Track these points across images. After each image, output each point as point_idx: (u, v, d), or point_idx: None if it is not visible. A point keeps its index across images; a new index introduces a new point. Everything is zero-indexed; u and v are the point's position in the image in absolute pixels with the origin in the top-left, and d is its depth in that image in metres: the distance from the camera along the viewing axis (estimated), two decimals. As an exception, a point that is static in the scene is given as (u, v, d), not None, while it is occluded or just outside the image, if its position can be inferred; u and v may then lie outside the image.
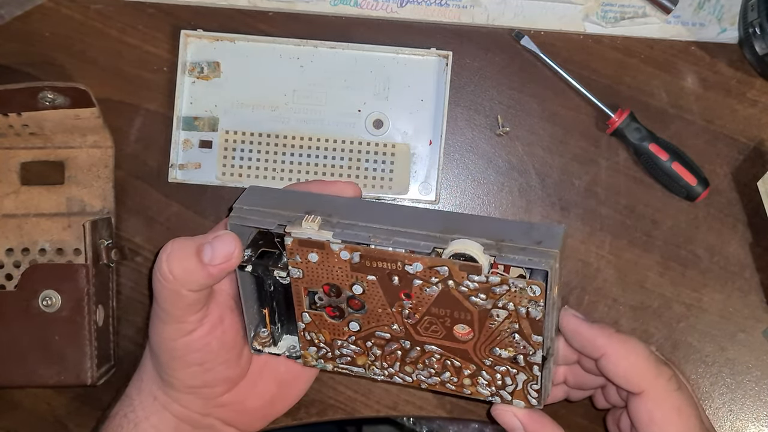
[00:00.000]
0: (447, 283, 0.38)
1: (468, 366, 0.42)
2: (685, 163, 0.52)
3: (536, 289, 0.37)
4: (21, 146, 0.53)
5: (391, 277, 0.39)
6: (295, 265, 0.41)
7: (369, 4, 0.54)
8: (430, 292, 0.39)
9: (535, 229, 0.39)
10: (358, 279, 0.40)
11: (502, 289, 0.38)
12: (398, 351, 0.43)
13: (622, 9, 0.53)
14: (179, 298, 0.41)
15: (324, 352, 0.44)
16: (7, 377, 0.50)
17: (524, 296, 0.38)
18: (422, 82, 0.54)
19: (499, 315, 0.39)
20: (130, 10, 0.54)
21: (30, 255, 0.53)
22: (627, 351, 0.43)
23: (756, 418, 0.54)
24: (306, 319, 0.43)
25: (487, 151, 0.55)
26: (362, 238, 0.39)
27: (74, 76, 0.54)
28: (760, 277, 0.54)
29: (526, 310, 0.38)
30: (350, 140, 0.54)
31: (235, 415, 0.47)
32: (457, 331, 0.41)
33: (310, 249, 0.40)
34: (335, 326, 0.43)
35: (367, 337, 0.43)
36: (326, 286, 0.41)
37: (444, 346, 0.42)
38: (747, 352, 0.54)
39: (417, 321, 0.41)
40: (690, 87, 0.54)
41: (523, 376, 0.41)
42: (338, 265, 0.40)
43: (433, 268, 0.38)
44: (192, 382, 0.44)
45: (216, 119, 0.54)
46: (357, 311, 0.42)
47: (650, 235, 0.54)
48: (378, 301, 0.41)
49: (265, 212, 0.41)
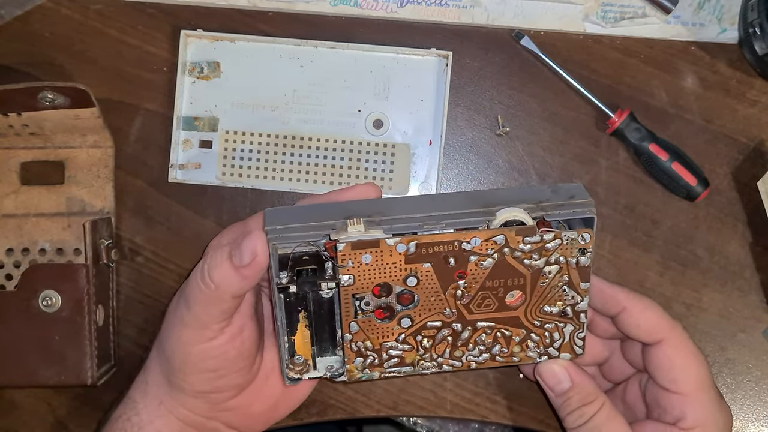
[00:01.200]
0: (503, 252, 0.41)
1: (518, 332, 0.44)
2: (685, 163, 0.52)
3: (586, 236, 0.41)
4: (21, 146, 0.53)
5: (447, 260, 0.41)
6: (347, 272, 0.41)
7: (369, 4, 0.54)
8: (486, 265, 0.42)
9: (561, 188, 0.43)
10: (412, 270, 0.41)
11: (554, 244, 0.41)
12: (449, 337, 0.44)
13: (622, 9, 0.53)
14: (218, 304, 0.41)
15: (371, 359, 0.44)
16: (7, 377, 0.50)
17: (575, 246, 0.41)
18: (422, 82, 0.54)
19: (551, 271, 0.42)
20: (130, 10, 0.54)
21: (30, 255, 0.53)
22: (645, 305, 0.46)
23: (756, 418, 0.54)
24: (354, 328, 0.43)
25: (487, 151, 0.55)
26: (414, 228, 0.41)
27: (74, 76, 0.54)
28: (760, 277, 0.54)
29: (576, 260, 0.42)
30: (350, 140, 0.54)
31: (239, 418, 0.47)
32: (509, 301, 0.43)
33: (364, 250, 0.40)
34: (384, 329, 0.43)
35: (418, 330, 0.43)
36: (376, 288, 0.42)
37: (496, 319, 0.44)
38: (747, 352, 0.54)
39: (470, 299, 0.43)
40: (690, 87, 0.54)
41: (570, 327, 0.44)
42: (393, 260, 0.41)
43: (490, 239, 0.41)
44: (203, 387, 0.44)
45: (216, 119, 0.54)
46: (407, 306, 0.43)
47: (650, 235, 0.54)
48: (431, 288, 0.42)
49: (299, 228, 0.41)
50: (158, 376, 0.46)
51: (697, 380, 0.45)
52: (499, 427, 0.65)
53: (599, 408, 0.45)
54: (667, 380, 0.45)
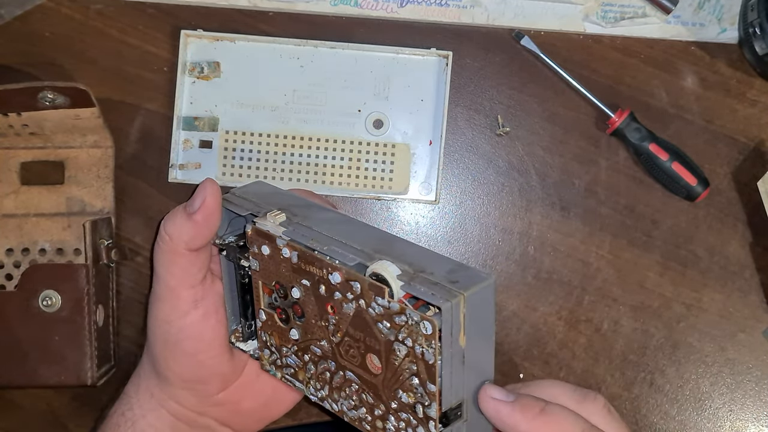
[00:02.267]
0: (359, 302, 0.37)
1: (378, 405, 0.39)
2: (685, 163, 0.52)
3: (427, 326, 0.34)
4: (21, 146, 0.53)
5: (318, 286, 0.38)
6: (254, 256, 0.41)
7: (369, 4, 0.54)
8: (347, 309, 0.37)
9: (462, 270, 0.36)
10: (297, 281, 0.40)
11: (401, 319, 0.35)
12: (327, 372, 0.41)
13: (622, 9, 0.53)
14: (176, 259, 0.42)
15: (275, 357, 0.43)
16: (7, 377, 0.50)
17: (419, 333, 0.34)
18: (422, 82, 0.54)
19: (400, 350, 0.36)
20: (130, 10, 0.54)
21: (30, 255, 0.53)
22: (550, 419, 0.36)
23: (756, 418, 0.54)
24: (262, 317, 0.43)
25: (487, 151, 0.55)
26: (304, 240, 0.39)
27: (74, 76, 0.54)
28: (760, 277, 0.54)
29: (422, 350, 0.35)
30: (350, 140, 0.54)
31: (230, 415, 0.47)
32: (371, 362, 0.38)
33: (264, 241, 0.40)
34: (283, 331, 0.42)
35: (305, 349, 0.41)
36: (277, 285, 0.41)
37: (360, 376, 0.39)
38: (747, 352, 0.54)
39: (339, 341, 0.39)
40: (690, 87, 0.54)
41: (422, 431, 0.37)
42: (283, 262, 0.40)
43: (348, 281, 0.37)
44: (186, 375, 0.44)
45: (216, 119, 0.54)
46: (299, 318, 0.41)
47: (650, 235, 0.54)
48: (312, 310, 0.40)
49: (251, 202, 0.42)
50: (148, 369, 0.46)
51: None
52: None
53: None
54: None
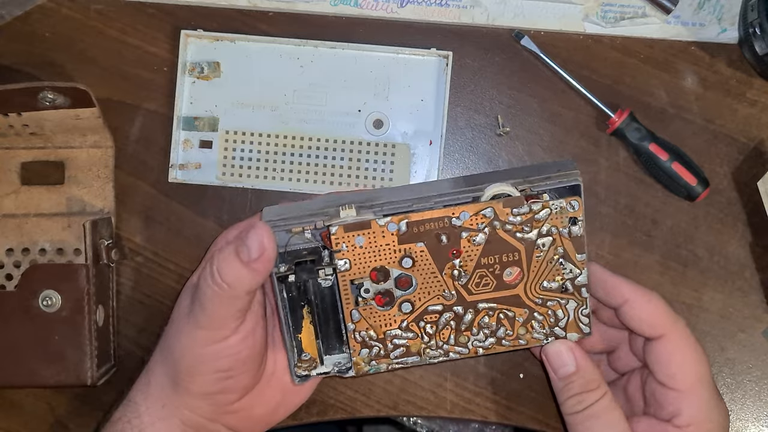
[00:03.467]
0: (493, 225, 0.42)
1: (521, 312, 0.44)
2: (685, 162, 0.52)
3: (575, 204, 0.42)
4: (21, 146, 0.53)
5: (439, 238, 0.42)
6: (342, 256, 0.42)
7: (369, 4, 0.54)
8: (478, 241, 0.42)
9: (549, 165, 0.43)
10: (406, 251, 0.42)
11: (544, 214, 0.42)
12: (452, 321, 0.44)
13: (622, 9, 0.53)
14: (233, 303, 0.42)
15: (377, 350, 0.44)
16: (7, 377, 0.50)
17: (565, 215, 0.42)
18: (422, 82, 0.54)
19: (545, 243, 0.43)
20: (130, 10, 0.54)
21: (30, 255, 0.53)
22: (648, 299, 0.45)
23: (756, 418, 0.54)
24: (355, 317, 0.43)
25: (487, 151, 0.55)
26: (404, 209, 0.42)
27: (74, 76, 0.54)
28: (760, 277, 0.54)
29: (568, 230, 0.42)
30: (350, 140, 0.54)
31: (241, 421, 0.47)
32: (507, 279, 0.43)
33: (357, 232, 0.41)
34: (386, 316, 0.44)
35: (420, 316, 0.44)
36: (374, 273, 0.42)
37: (496, 299, 0.44)
38: (747, 352, 0.54)
39: (468, 279, 0.43)
40: (690, 87, 0.54)
41: (573, 303, 0.44)
42: (386, 241, 0.41)
43: (479, 213, 0.42)
44: (211, 388, 0.44)
45: (216, 119, 0.54)
46: (406, 290, 0.43)
47: (650, 234, 0.54)
48: (428, 269, 0.43)
49: (292, 219, 0.42)
50: (162, 378, 0.45)
51: (695, 377, 0.44)
52: (499, 427, 0.65)
53: (600, 397, 0.44)
54: (665, 376, 0.45)
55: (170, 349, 0.45)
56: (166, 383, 0.45)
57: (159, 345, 0.47)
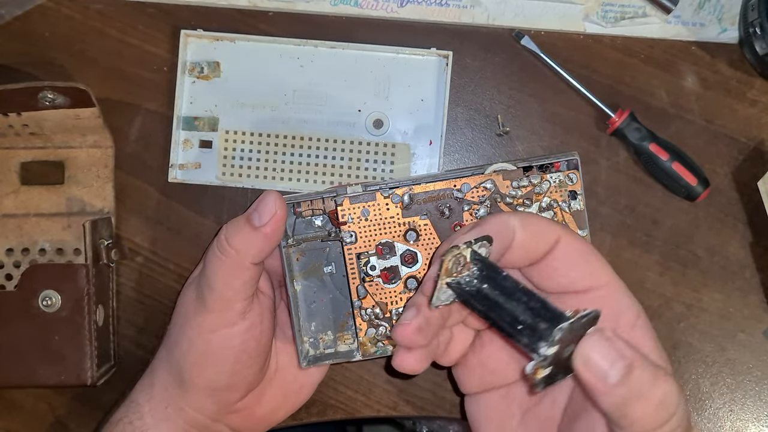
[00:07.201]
0: (494, 199, 0.44)
1: None
2: (685, 162, 0.52)
3: (573, 177, 0.44)
4: (21, 146, 0.53)
5: (442, 211, 0.43)
6: (348, 228, 0.43)
7: (369, 4, 0.54)
8: (481, 214, 0.44)
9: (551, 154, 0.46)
10: (411, 224, 0.43)
11: (543, 186, 0.44)
12: None
13: (622, 9, 0.53)
14: (241, 273, 0.42)
15: (383, 329, 0.45)
16: (7, 377, 0.50)
17: (564, 188, 0.44)
18: (422, 82, 0.54)
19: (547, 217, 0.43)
20: (130, 10, 0.54)
21: (30, 255, 0.53)
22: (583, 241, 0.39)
23: (756, 418, 0.54)
24: (361, 293, 0.44)
25: (487, 151, 0.55)
26: (408, 182, 0.44)
27: (74, 76, 0.54)
28: (760, 277, 0.54)
29: (568, 204, 0.44)
30: (350, 140, 0.54)
31: (243, 421, 0.47)
32: None
33: (362, 204, 0.43)
34: (392, 293, 0.44)
35: None
36: (379, 248, 0.43)
37: None
38: (747, 352, 0.54)
39: None
40: (690, 87, 0.54)
41: None
42: (390, 214, 0.43)
43: (480, 185, 0.44)
44: (217, 383, 0.44)
45: (216, 119, 0.54)
46: (411, 266, 0.44)
47: (650, 235, 0.54)
48: (432, 244, 0.44)
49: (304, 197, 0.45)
50: (167, 379, 0.45)
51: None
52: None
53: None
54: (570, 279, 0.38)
55: (176, 345, 0.45)
56: (170, 383, 0.45)
57: (163, 344, 0.47)
